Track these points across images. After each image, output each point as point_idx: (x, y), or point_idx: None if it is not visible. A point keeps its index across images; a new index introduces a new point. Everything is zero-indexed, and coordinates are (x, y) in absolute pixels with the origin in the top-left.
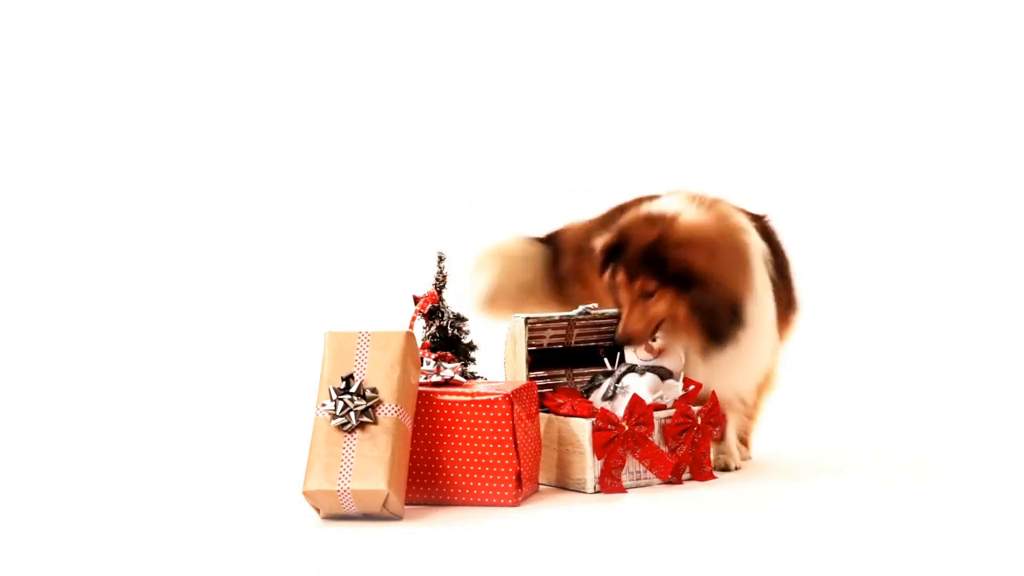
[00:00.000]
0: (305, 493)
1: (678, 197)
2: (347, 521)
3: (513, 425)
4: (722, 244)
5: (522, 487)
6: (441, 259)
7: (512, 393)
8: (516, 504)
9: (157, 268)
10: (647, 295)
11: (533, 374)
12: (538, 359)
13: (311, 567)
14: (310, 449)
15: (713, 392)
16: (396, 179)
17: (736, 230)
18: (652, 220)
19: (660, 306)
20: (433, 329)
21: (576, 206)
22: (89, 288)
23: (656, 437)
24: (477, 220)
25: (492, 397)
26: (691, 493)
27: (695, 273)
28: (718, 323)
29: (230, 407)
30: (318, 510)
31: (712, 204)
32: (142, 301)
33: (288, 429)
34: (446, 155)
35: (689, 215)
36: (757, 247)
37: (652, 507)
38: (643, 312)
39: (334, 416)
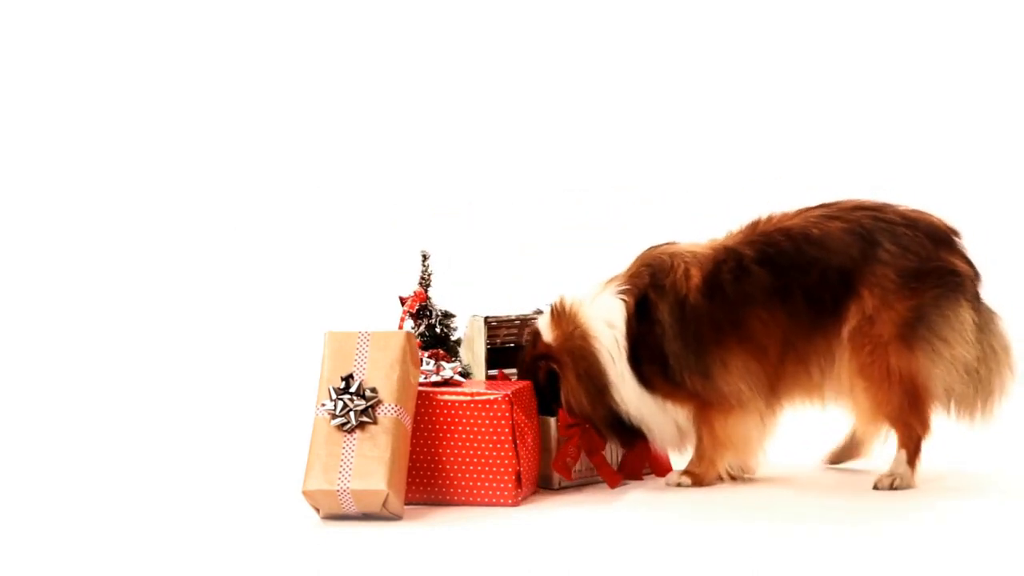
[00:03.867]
0: (305, 493)
1: (546, 311)
2: (347, 521)
3: (513, 425)
4: (567, 361)
5: (522, 487)
6: (425, 258)
7: (512, 393)
8: (516, 504)
9: (158, 268)
10: None
11: (489, 372)
12: (491, 357)
13: (311, 567)
14: (310, 449)
15: None
16: (396, 179)
17: (581, 339)
18: (529, 337)
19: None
20: (422, 328)
21: (576, 206)
22: (90, 289)
23: None
24: (477, 220)
25: (492, 397)
26: (690, 493)
27: (557, 380)
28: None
29: (230, 407)
30: (318, 510)
31: (561, 318)
32: (143, 302)
33: (288, 429)
34: (446, 155)
35: (544, 333)
36: (606, 347)
37: (651, 507)
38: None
39: (334, 416)
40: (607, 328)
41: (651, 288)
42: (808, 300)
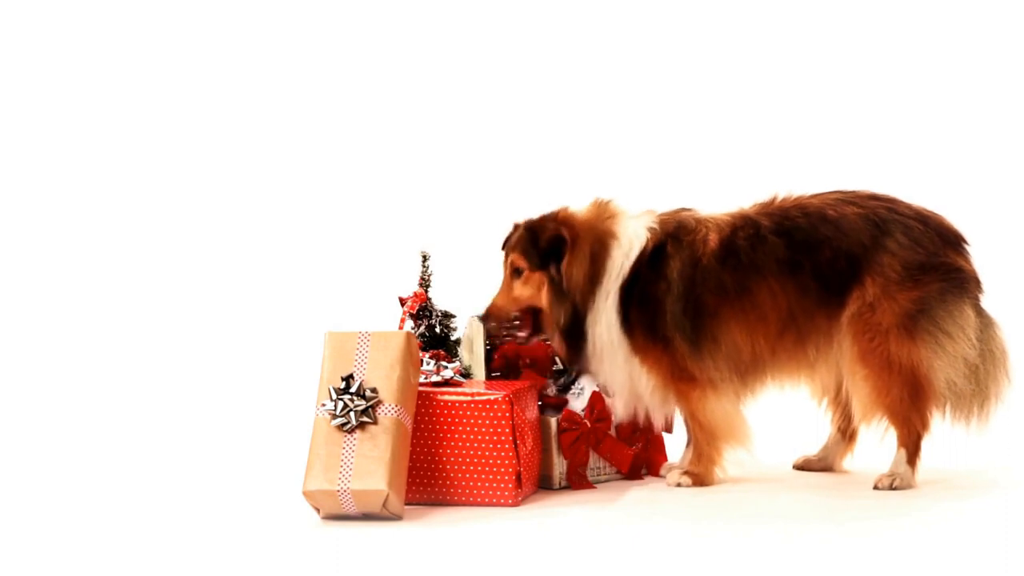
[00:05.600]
0: (305, 493)
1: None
2: (347, 521)
3: (513, 425)
4: (588, 236)
5: (522, 487)
6: (425, 258)
7: (512, 393)
8: (516, 504)
9: (159, 269)
10: (517, 272)
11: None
12: (491, 357)
13: (311, 567)
14: (310, 449)
15: (594, 392)
16: (396, 179)
17: (606, 233)
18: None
19: (527, 289)
20: (423, 328)
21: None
22: (90, 289)
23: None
24: (477, 220)
25: (492, 397)
26: (690, 493)
27: (562, 246)
28: (568, 323)
29: (230, 407)
30: (318, 510)
31: (601, 207)
32: (143, 302)
33: (288, 429)
34: (446, 155)
35: (575, 207)
36: (618, 259)
37: (651, 507)
38: (509, 291)
39: (334, 416)
40: (628, 245)
41: (671, 239)
42: (817, 277)
